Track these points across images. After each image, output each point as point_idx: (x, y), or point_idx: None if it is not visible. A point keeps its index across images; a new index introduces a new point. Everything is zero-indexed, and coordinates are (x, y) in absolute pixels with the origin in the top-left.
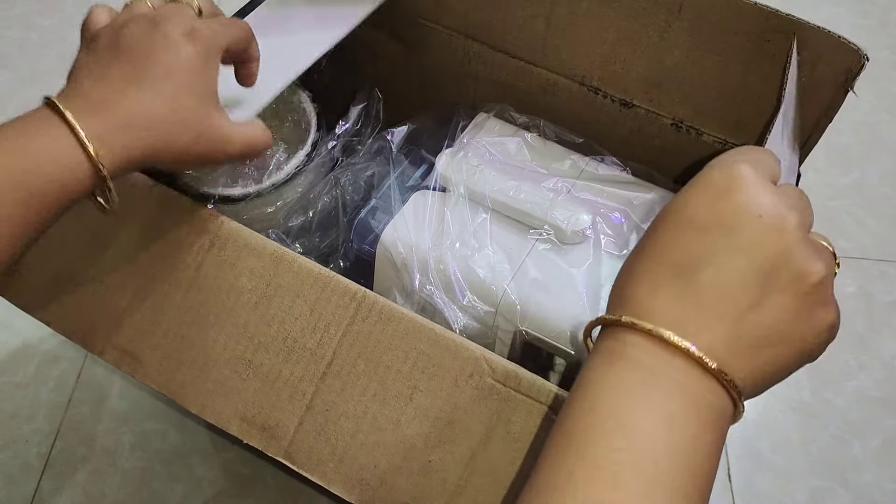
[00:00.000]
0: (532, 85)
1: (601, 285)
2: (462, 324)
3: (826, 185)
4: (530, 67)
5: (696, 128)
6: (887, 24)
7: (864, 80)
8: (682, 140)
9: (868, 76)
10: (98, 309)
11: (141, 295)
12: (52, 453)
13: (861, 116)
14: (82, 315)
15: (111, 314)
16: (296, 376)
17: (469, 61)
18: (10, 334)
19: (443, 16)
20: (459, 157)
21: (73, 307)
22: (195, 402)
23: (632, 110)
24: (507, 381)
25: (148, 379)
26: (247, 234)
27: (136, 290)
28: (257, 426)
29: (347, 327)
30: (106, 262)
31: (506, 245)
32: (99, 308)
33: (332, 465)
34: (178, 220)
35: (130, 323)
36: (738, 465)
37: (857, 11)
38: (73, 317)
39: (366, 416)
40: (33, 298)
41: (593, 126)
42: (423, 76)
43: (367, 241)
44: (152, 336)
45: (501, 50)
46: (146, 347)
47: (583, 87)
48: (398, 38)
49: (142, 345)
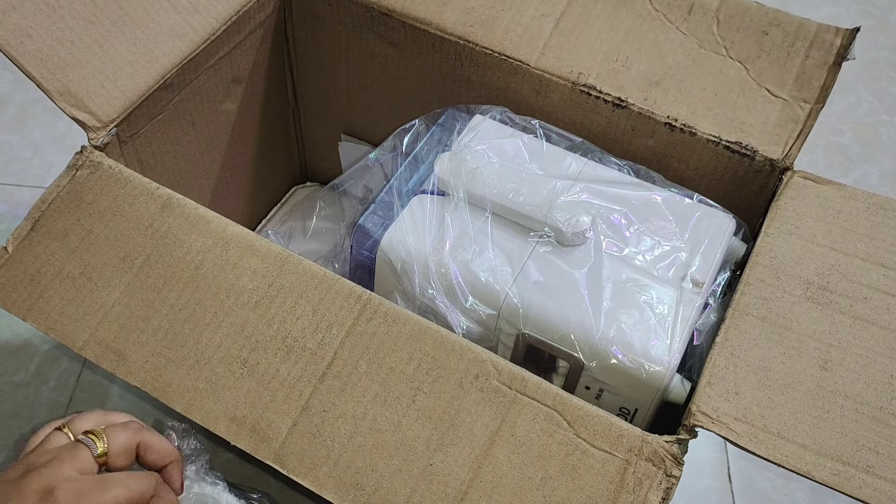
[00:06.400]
0: (524, 86)
1: (603, 287)
2: (465, 327)
3: None
4: (523, 68)
5: (689, 126)
6: (887, 24)
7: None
8: (675, 139)
9: (868, 76)
10: (83, 305)
11: (131, 292)
12: None
13: (861, 116)
14: (65, 311)
15: (97, 310)
16: (293, 376)
17: (461, 63)
18: (10, 334)
19: (436, 17)
20: (458, 161)
21: (56, 303)
22: (180, 401)
23: (625, 110)
24: (513, 384)
25: (130, 376)
26: (251, 237)
27: (127, 287)
28: (247, 427)
29: (351, 328)
30: (97, 258)
31: (506, 248)
32: (84, 304)
33: (326, 468)
34: (181, 221)
35: (117, 319)
36: (737, 465)
37: (857, 11)
38: (54, 312)
39: (365, 417)
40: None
41: (586, 126)
42: (416, 79)
43: (367, 247)
44: (141, 333)
45: (497, 50)
46: (132, 344)
47: (575, 87)
48: (389, 41)
49: (128, 341)
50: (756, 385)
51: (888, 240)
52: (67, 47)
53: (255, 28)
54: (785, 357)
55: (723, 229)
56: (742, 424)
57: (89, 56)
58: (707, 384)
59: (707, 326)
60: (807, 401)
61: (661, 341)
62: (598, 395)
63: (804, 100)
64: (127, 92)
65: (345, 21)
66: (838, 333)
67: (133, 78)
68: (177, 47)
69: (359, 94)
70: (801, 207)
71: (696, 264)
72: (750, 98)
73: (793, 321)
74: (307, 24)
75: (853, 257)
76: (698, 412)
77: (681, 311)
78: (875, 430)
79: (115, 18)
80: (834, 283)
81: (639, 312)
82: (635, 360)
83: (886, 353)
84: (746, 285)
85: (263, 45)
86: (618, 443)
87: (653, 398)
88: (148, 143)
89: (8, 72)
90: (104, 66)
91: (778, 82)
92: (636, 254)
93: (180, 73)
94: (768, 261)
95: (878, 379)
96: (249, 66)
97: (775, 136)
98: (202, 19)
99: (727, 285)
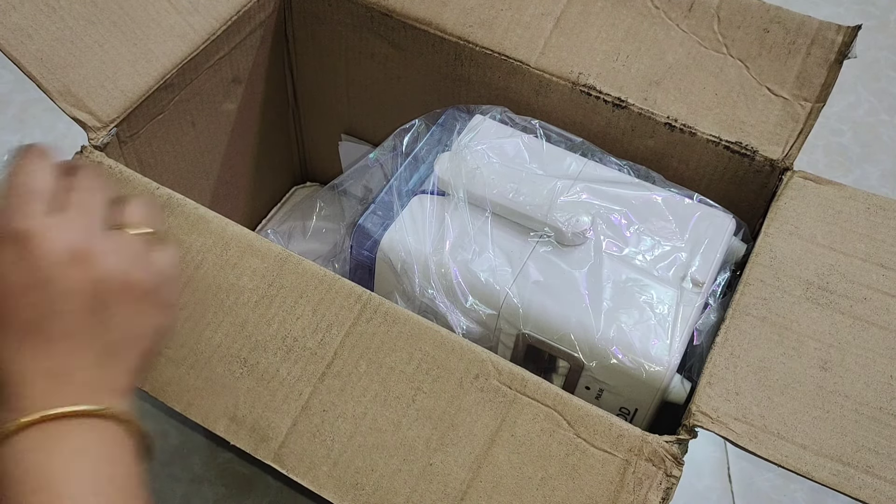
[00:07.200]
0: (524, 86)
1: (603, 287)
2: (465, 327)
3: None
4: (523, 68)
5: (689, 126)
6: (887, 24)
7: (863, 80)
8: (675, 139)
9: (868, 76)
10: None
11: None
12: None
13: (861, 116)
14: None
15: None
16: (293, 376)
17: (461, 63)
18: None
19: (436, 17)
20: (458, 161)
21: None
22: (180, 400)
23: (625, 110)
24: (513, 384)
25: None
26: (252, 236)
27: None
28: (247, 427)
29: (351, 328)
30: None
31: (506, 248)
32: None
33: (326, 468)
34: (181, 220)
35: None
36: (737, 465)
37: (857, 11)
38: None
39: (365, 417)
40: None
41: (586, 126)
42: (416, 79)
43: (367, 247)
44: None
45: (497, 50)
46: None
47: (575, 87)
48: (389, 41)
49: None
50: (756, 385)
51: (888, 240)
52: (68, 47)
53: (255, 28)
54: (785, 357)
55: (723, 229)
56: (742, 424)
57: (89, 56)
58: (707, 384)
59: (707, 326)
60: (807, 401)
61: (661, 341)
62: (598, 395)
63: (805, 98)
64: (127, 92)
65: (345, 21)
66: (838, 334)
67: (133, 78)
68: (177, 47)
69: (359, 94)
70: (801, 207)
71: (696, 264)
72: (750, 97)
73: (793, 321)
74: (307, 24)
75: (853, 258)
76: (698, 412)
77: (681, 311)
78: (875, 431)
79: (115, 18)
80: (834, 283)
81: (639, 312)
82: (635, 361)
83: (886, 354)
84: (746, 285)
85: (263, 45)
86: (618, 443)
87: (653, 398)
88: (148, 143)
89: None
90: (104, 66)
91: (779, 80)
92: (636, 254)
93: (180, 73)
94: (768, 261)
95: (877, 379)
96: (249, 66)
97: (775, 136)
98: (202, 19)
99: (727, 285)
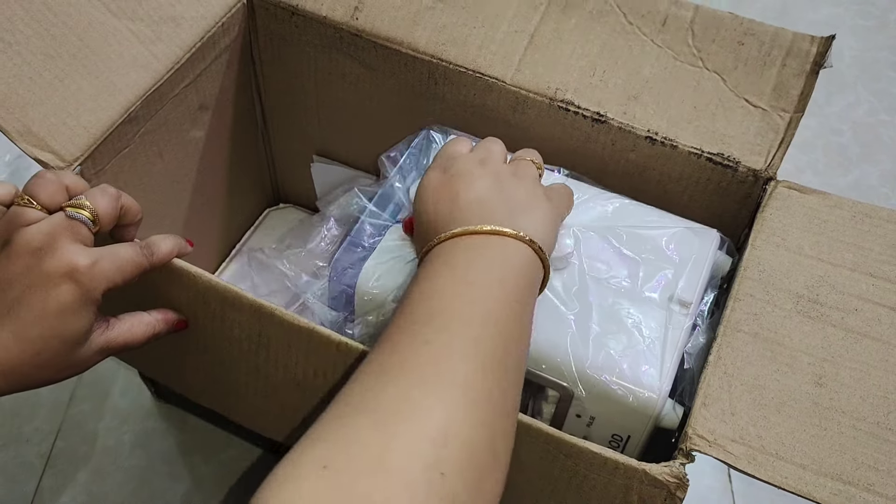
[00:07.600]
0: (500, 103)
1: (590, 311)
2: None
3: (825, 185)
4: (499, 85)
5: (670, 139)
6: (887, 24)
7: (863, 80)
8: (657, 152)
9: (868, 76)
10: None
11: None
12: (52, 452)
13: (861, 116)
14: None
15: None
16: None
17: (435, 82)
18: None
19: (408, 36)
20: None
21: None
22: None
23: (604, 125)
24: None
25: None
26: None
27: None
28: None
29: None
30: None
31: None
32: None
33: None
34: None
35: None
36: None
37: (857, 11)
38: None
39: None
40: None
41: (566, 142)
42: (389, 98)
43: (345, 282)
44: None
45: (472, 68)
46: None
47: (553, 103)
48: (360, 61)
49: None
50: (751, 404)
51: (875, 248)
52: (26, 84)
53: (220, 53)
54: (779, 374)
55: (707, 246)
56: (739, 446)
57: (49, 93)
58: (702, 405)
59: (696, 349)
60: (803, 419)
61: (652, 367)
62: (589, 423)
63: (783, 109)
64: (90, 128)
65: (313, 42)
66: (831, 347)
67: (96, 113)
68: (140, 78)
69: (329, 115)
70: (786, 218)
71: (682, 283)
72: (729, 109)
73: (785, 336)
74: (273, 46)
75: (841, 268)
76: (695, 435)
77: (669, 334)
78: (873, 447)
79: (74, 51)
80: (824, 295)
81: (627, 337)
82: (626, 388)
83: (880, 366)
84: (736, 301)
85: (229, 69)
86: (615, 474)
87: (646, 426)
88: (115, 178)
89: None
90: (65, 103)
91: (756, 92)
92: (621, 276)
93: (145, 105)
94: (757, 274)
95: (873, 393)
96: (216, 91)
97: (756, 147)
98: (165, 48)
99: (714, 304)
